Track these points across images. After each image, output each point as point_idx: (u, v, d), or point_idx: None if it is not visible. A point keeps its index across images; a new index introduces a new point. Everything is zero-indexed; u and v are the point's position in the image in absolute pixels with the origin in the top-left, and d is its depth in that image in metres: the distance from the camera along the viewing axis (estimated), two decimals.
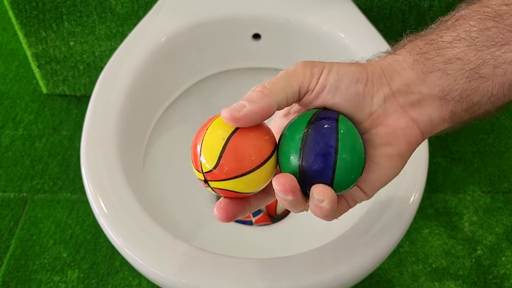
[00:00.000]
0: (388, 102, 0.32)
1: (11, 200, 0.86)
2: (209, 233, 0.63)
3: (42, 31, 0.86)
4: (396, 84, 0.32)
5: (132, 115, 0.56)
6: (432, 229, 0.84)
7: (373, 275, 0.78)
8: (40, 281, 0.76)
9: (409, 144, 0.32)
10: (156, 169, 0.64)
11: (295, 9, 0.65)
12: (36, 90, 1.01)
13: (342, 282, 0.41)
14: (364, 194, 0.34)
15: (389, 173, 0.33)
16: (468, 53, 0.31)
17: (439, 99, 0.32)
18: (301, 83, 0.32)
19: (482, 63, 0.31)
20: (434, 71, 0.32)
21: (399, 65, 0.33)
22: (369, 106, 0.32)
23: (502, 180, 0.90)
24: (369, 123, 0.32)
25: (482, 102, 0.32)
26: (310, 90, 0.32)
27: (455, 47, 0.32)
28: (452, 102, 0.32)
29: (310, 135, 0.30)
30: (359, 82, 0.32)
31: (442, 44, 0.33)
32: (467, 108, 0.32)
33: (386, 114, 0.32)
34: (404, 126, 0.32)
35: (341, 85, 0.32)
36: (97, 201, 0.46)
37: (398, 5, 0.79)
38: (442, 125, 0.33)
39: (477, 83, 0.31)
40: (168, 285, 0.42)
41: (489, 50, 0.31)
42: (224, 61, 0.70)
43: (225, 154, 0.30)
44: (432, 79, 0.32)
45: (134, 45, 0.60)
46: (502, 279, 0.78)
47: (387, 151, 0.32)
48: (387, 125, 0.32)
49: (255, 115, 0.31)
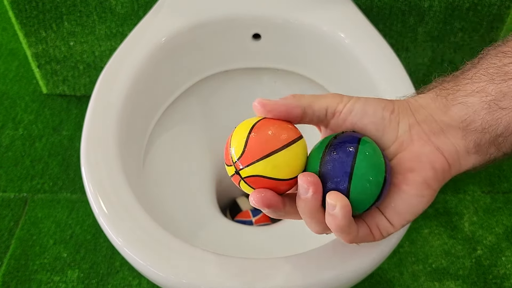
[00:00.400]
0: (413, 130, 0.33)
1: (11, 200, 0.86)
2: (209, 233, 0.63)
3: (42, 31, 0.86)
4: (421, 115, 0.34)
5: (132, 115, 0.56)
6: (432, 229, 0.84)
7: (373, 275, 0.78)
8: (40, 281, 0.76)
9: (434, 170, 0.33)
10: (156, 169, 0.64)
11: (295, 9, 0.65)
12: (36, 90, 1.01)
13: (342, 282, 0.41)
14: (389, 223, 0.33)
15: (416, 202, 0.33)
16: (487, 87, 0.33)
17: (462, 130, 0.33)
18: (329, 104, 0.34)
19: (501, 95, 0.32)
20: (455, 104, 0.34)
21: (423, 101, 0.35)
22: (395, 131, 0.33)
23: (502, 180, 0.90)
24: (394, 148, 0.33)
25: (506, 134, 0.33)
26: (338, 112, 0.34)
27: (475, 83, 0.34)
28: (475, 133, 0.33)
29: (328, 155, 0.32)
30: (385, 110, 0.34)
31: (463, 81, 0.34)
32: (491, 140, 0.33)
33: (411, 140, 0.33)
34: (428, 152, 0.33)
35: (369, 109, 0.33)
36: (97, 201, 0.46)
37: (398, 5, 0.79)
38: (469, 158, 0.34)
39: (499, 115, 0.32)
40: (168, 285, 0.42)
41: (506, 83, 0.32)
42: (224, 61, 0.70)
43: (250, 138, 0.32)
44: (454, 111, 0.33)
45: (134, 45, 0.60)
46: (502, 279, 0.78)
47: (412, 177, 0.33)
48: (412, 150, 0.33)
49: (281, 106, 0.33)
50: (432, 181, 0.33)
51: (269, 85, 0.75)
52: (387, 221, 0.33)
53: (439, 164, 0.33)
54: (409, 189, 0.32)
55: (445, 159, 0.33)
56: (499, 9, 0.79)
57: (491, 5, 0.79)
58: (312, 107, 0.33)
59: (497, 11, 0.80)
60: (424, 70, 0.89)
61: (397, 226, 0.33)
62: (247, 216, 0.76)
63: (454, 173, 0.34)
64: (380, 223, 0.33)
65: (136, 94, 0.57)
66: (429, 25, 0.82)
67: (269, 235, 0.65)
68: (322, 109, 0.34)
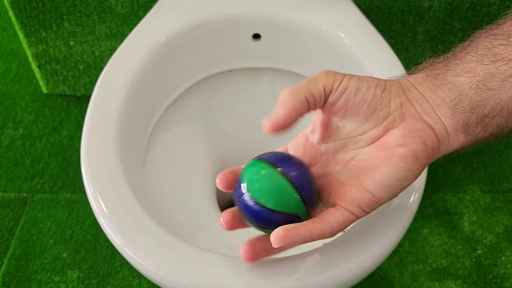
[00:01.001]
0: (405, 108, 0.34)
1: (11, 200, 0.86)
2: (209, 233, 0.64)
3: (42, 31, 0.86)
4: (412, 94, 0.35)
5: (132, 115, 0.56)
6: (432, 228, 0.84)
7: (373, 275, 0.78)
8: (40, 281, 0.76)
9: (425, 145, 0.33)
10: (156, 169, 0.64)
11: (295, 9, 0.65)
12: (36, 90, 1.01)
13: (342, 282, 0.41)
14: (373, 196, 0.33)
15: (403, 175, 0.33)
16: (475, 68, 0.34)
17: (451, 109, 0.34)
18: (325, 83, 0.34)
19: (489, 77, 0.33)
20: (444, 83, 0.34)
21: (414, 81, 0.36)
22: (386, 108, 0.34)
23: (502, 179, 0.90)
24: (386, 124, 0.34)
25: (493, 115, 0.34)
26: (334, 90, 0.34)
27: (464, 63, 0.34)
28: (463, 112, 0.34)
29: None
30: (378, 87, 0.34)
31: (453, 61, 0.35)
32: (478, 120, 0.34)
33: (403, 118, 0.34)
34: (420, 129, 0.34)
35: (362, 87, 0.34)
36: (97, 201, 0.46)
37: (398, 5, 0.79)
38: (457, 137, 0.35)
39: (486, 95, 0.33)
40: (168, 285, 0.42)
41: (495, 64, 0.33)
42: (224, 61, 0.70)
43: None
44: (443, 90, 0.34)
45: (134, 45, 0.60)
46: (502, 278, 0.78)
47: (403, 150, 0.33)
48: (404, 127, 0.34)
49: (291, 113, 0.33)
50: (422, 156, 0.33)
51: (269, 85, 0.75)
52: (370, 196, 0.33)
53: (430, 140, 0.34)
54: (398, 162, 0.33)
55: (435, 136, 0.34)
56: (499, 9, 0.79)
57: (490, 5, 0.79)
58: (312, 94, 0.34)
59: (497, 11, 0.80)
60: None
61: (382, 197, 0.34)
62: None
63: (443, 152, 0.35)
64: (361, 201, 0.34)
65: (136, 94, 0.57)
66: (429, 25, 0.82)
67: None
68: (320, 91, 0.34)
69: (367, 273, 0.43)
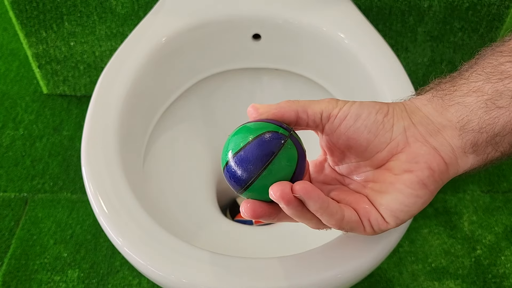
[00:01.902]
0: (409, 131, 0.34)
1: (12, 200, 0.86)
2: (209, 233, 0.64)
3: (43, 31, 0.86)
4: (417, 117, 0.34)
5: (132, 115, 0.56)
6: (431, 228, 0.84)
7: (373, 275, 0.78)
8: (41, 281, 0.76)
9: (431, 170, 0.33)
10: (156, 169, 0.64)
11: (295, 9, 0.65)
12: (36, 90, 1.02)
13: (342, 282, 0.41)
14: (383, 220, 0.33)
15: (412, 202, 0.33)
16: (483, 86, 0.33)
17: (458, 130, 0.33)
18: (324, 108, 0.34)
19: (498, 94, 0.33)
20: (452, 104, 0.34)
21: (420, 102, 0.35)
22: (389, 133, 0.34)
23: (501, 179, 0.90)
24: (389, 149, 0.34)
25: (504, 133, 0.33)
26: (333, 116, 0.34)
27: (471, 82, 0.34)
28: (471, 132, 0.33)
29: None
30: (379, 113, 0.34)
31: (460, 81, 0.35)
32: (488, 139, 0.33)
33: (407, 142, 0.33)
34: (425, 153, 0.33)
35: (362, 113, 0.34)
36: (98, 201, 0.46)
37: (398, 5, 0.79)
38: (467, 158, 0.34)
39: (496, 114, 0.33)
40: (168, 285, 0.42)
41: (502, 82, 0.33)
42: (224, 61, 0.70)
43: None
44: (451, 111, 0.34)
45: (135, 45, 0.60)
46: (501, 278, 0.78)
47: (409, 177, 0.33)
48: (408, 152, 0.33)
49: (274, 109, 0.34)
50: (429, 181, 0.33)
51: (269, 85, 0.75)
52: (381, 217, 0.33)
53: (436, 164, 0.33)
54: (404, 188, 0.32)
55: (442, 159, 0.33)
56: (499, 9, 0.80)
57: (490, 5, 0.79)
58: (306, 111, 0.34)
59: (497, 10, 0.80)
60: (423, 70, 0.89)
61: (391, 224, 0.33)
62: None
63: (452, 174, 0.34)
64: (372, 217, 0.33)
65: (137, 94, 0.57)
66: (429, 25, 0.82)
67: (269, 235, 0.65)
68: (316, 113, 0.34)
69: (367, 273, 0.43)
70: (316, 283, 0.40)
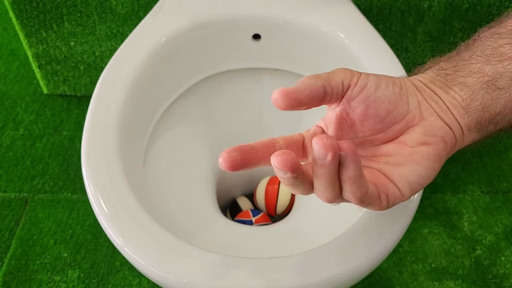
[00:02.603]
0: (423, 106, 0.34)
1: (12, 200, 0.86)
2: (209, 233, 0.64)
3: (43, 31, 0.86)
4: (426, 93, 0.35)
5: (132, 115, 0.56)
6: (431, 228, 0.84)
7: (372, 275, 0.78)
8: (41, 281, 0.76)
9: (445, 143, 0.34)
10: (156, 169, 0.64)
11: (295, 9, 0.65)
12: (36, 90, 1.02)
13: (342, 282, 0.41)
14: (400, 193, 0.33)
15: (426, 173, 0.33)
16: (484, 68, 0.34)
17: (463, 108, 0.35)
18: (344, 77, 0.33)
19: (498, 76, 0.34)
20: (455, 84, 0.35)
21: (425, 80, 0.36)
22: (406, 106, 0.34)
23: (501, 179, 0.90)
24: (406, 121, 0.34)
25: (504, 112, 0.35)
26: (353, 84, 0.34)
27: (472, 64, 0.35)
28: (475, 112, 0.34)
29: None
30: (395, 85, 0.34)
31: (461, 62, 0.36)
32: (490, 118, 0.35)
33: (422, 116, 0.34)
34: (440, 127, 0.34)
35: (381, 83, 0.34)
36: (98, 201, 0.46)
37: (398, 5, 0.79)
38: (470, 135, 0.35)
39: (496, 94, 0.34)
40: (168, 285, 0.42)
41: (502, 64, 0.34)
42: (224, 61, 0.70)
43: None
44: (455, 90, 0.35)
45: (135, 45, 0.60)
46: (501, 278, 0.78)
47: (427, 150, 0.33)
48: (425, 125, 0.34)
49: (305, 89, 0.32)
50: (442, 154, 0.34)
51: (269, 85, 0.75)
52: (398, 190, 0.33)
53: (449, 138, 0.34)
54: (422, 160, 0.33)
55: (453, 135, 0.34)
56: (499, 9, 0.80)
57: (490, 5, 0.79)
58: (330, 83, 0.33)
59: (497, 11, 0.80)
60: None
61: (406, 196, 0.34)
62: (247, 216, 0.76)
63: (457, 148, 0.36)
64: (390, 191, 0.33)
65: (137, 94, 0.57)
66: (429, 25, 0.82)
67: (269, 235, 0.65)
68: (339, 83, 0.33)
69: (367, 272, 0.43)
70: (316, 282, 0.40)
